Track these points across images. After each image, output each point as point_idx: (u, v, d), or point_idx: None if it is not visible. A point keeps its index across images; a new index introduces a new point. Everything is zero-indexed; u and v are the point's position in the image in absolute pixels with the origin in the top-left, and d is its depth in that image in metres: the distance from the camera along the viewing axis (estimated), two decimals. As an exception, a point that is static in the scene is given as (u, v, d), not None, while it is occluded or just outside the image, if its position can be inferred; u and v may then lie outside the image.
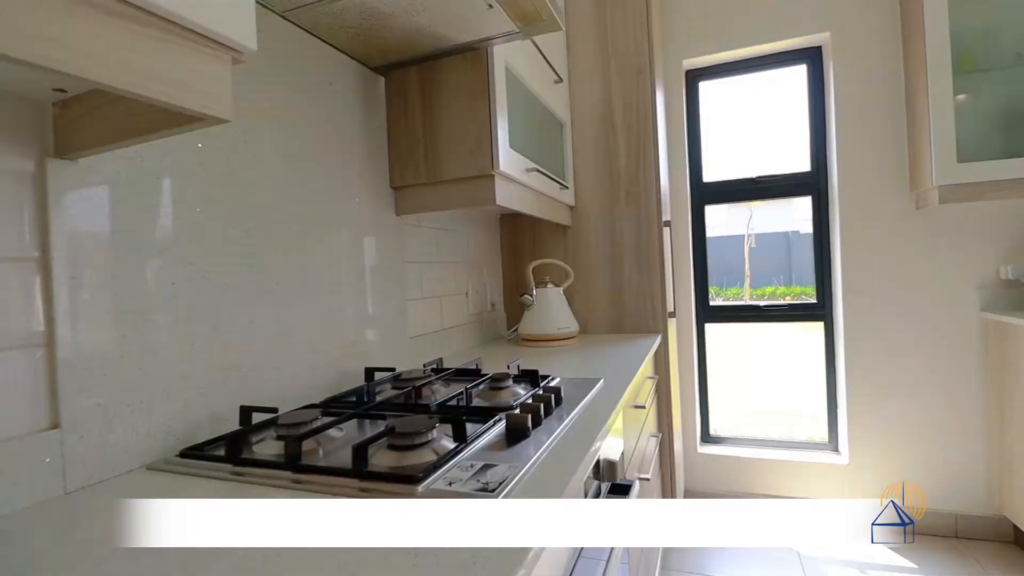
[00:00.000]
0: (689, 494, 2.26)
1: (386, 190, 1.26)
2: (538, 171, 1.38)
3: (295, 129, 1.00)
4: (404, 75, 1.26)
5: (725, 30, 2.20)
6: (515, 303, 1.91)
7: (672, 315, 1.76)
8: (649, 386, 1.48)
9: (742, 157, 2.42)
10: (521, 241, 1.91)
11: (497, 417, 0.80)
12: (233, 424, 0.82)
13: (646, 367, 1.46)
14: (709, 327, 2.37)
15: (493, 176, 1.19)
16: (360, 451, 0.62)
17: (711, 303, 2.36)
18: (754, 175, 2.27)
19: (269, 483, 0.63)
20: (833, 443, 2.17)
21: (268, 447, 0.73)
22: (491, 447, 0.72)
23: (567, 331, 1.59)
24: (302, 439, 0.68)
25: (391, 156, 1.26)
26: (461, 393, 0.90)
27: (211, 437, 0.78)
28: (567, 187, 1.68)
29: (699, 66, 2.31)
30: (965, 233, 1.94)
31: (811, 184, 2.20)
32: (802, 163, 2.23)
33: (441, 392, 1.01)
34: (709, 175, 2.34)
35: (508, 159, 1.24)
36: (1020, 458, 1.76)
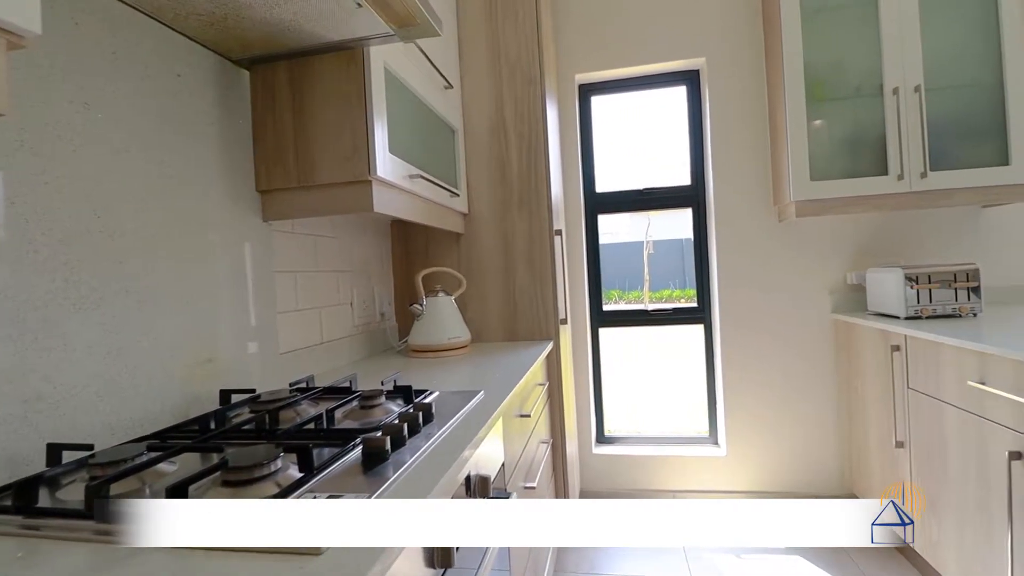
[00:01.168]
0: (585, 495, 2.33)
1: (250, 194, 1.16)
2: (423, 177, 1.34)
3: (130, 124, 0.88)
4: (271, 71, 1.18)
5: (613, 49, 2.30)
6: (408, 312, 1.86)
7: (564, 322, 1.80)
8: (539, 393, 1.49)
9: (632, 169, 2.55)
10: (414, 248, 1.86)
11: (357, 440, 0.76)
12: (39, 465, 0.71)
13: (534, 374, 1.47)
14: (605, 331, 2.46)
15: (370, 182, 1.14)
16: (177, 492, 0.55)
17: (604, 308, 2.45)
18: (642, 187, 2.39)
19: (69, 537, 0.54)
20: (713, 437, 2.34)
21: (76, 492, 0.63)
22: (345, 474, 0.67)
23: (458, 340, 1.56)
24: (112, 481, 0.59)
25: (257, 158, 1.17)
26: (321, 416, 0.84)
27: (6, 482, 0.66)
28: (458, 194, 1.66)
29: (591, 81, 2.40)
30: (819, 243, 2.18)
31: (691, 196, 2.35)
32: (684, 177, 2.38)
33: (308, 414, 0.94)
34: (602, 185, 2.44)
35: (388, 164, 1.19)
36: (862, 442, 2.00)
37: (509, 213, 1.81)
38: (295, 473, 0.65)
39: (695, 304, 2.37)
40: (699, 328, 2.36)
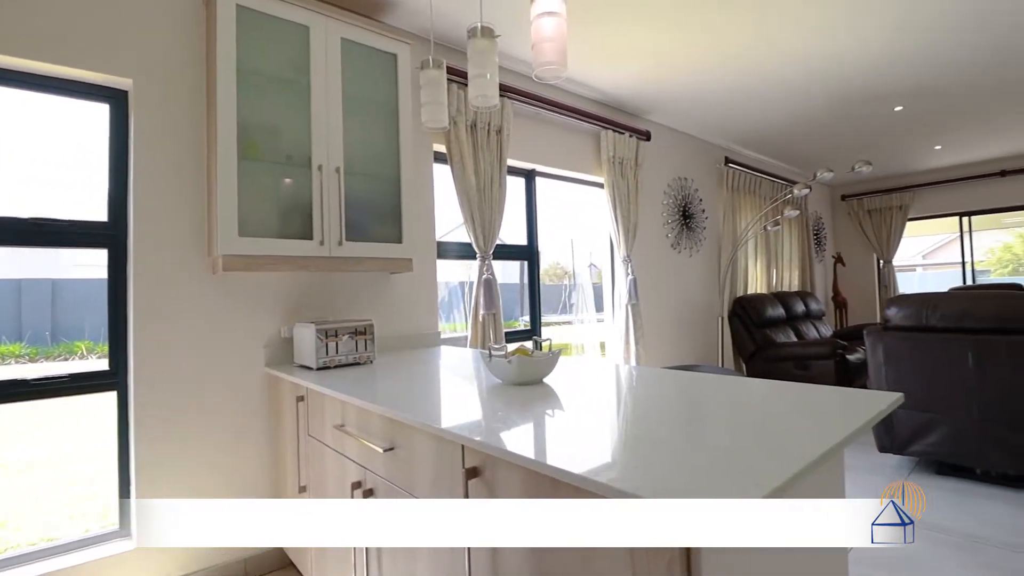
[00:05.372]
0: None
1: None
2: None
3: None
4: None
5: (-19, 24, 1.71)
6: None
7: None
8: None
9: (24, 192, 1.95)
10: None
11: None
12: None
13: None
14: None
15: None
16: None
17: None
18: (31, 215, 1.84)
19: None
20: (125, 528, 1.94)
21: None
22: None
23: None
24: None
25: None
26: None
27: None
28: None
29: (-61, 56, 1.70)
30: (255, 298, 2.20)
31: (109, 236, 1.97)
32: (101, 211, 1.98)
33: None
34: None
35: None
36: (282, 491, 2.06)
37: None
38: None
39: (104, 367, 1.95)
40: (111, 396, 1.95)
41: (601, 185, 3.93)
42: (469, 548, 1.05)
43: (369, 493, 1.42)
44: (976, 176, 6.54)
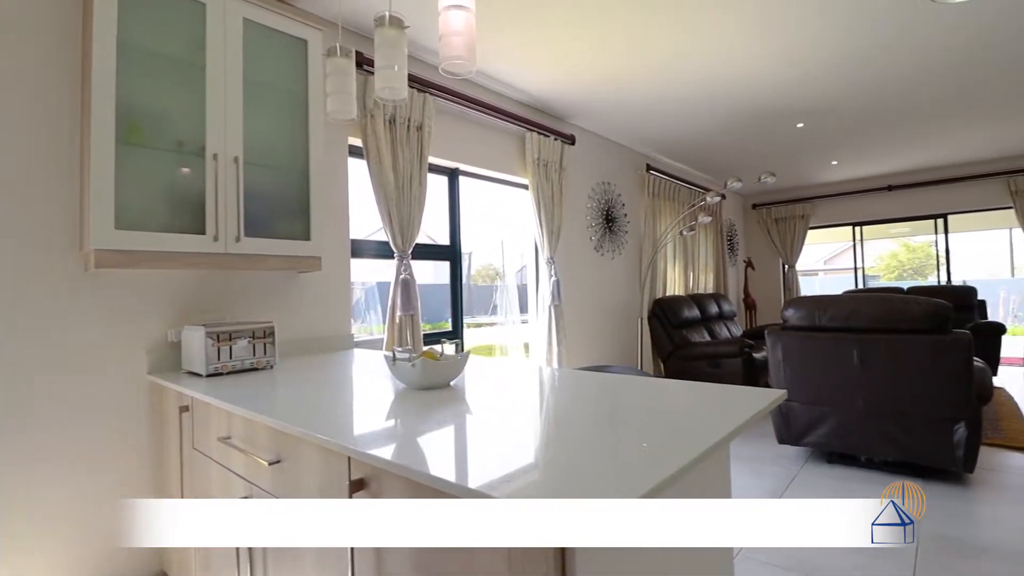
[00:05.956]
0: None
1: None
2: None
3: None
4: None
5: None
6: None
7: None
8: None
9: None
10: None
11: None
12: None
13: None
14: None
15: None
16: None
17: None
18: None
19: None
20: (-31, 562, 1.69)
21: None
22: None
23: None
24: None
25: None
26: None
27: None
28: None
29: None
30: (139, 298, 1.99)
31: (-49, 226, 1.71)
32: (-59, 197, 1.71)
33: None
34: None
35: None
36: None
37: None
38: None
39: (-57, 376, 1.69)
40: (-48, 410, 1.69)
41: (526, 187, 3.93)
42: (352, 548, 0.98)
43: (254, 510, 1.31)
44: (867, 190, 7.21)
